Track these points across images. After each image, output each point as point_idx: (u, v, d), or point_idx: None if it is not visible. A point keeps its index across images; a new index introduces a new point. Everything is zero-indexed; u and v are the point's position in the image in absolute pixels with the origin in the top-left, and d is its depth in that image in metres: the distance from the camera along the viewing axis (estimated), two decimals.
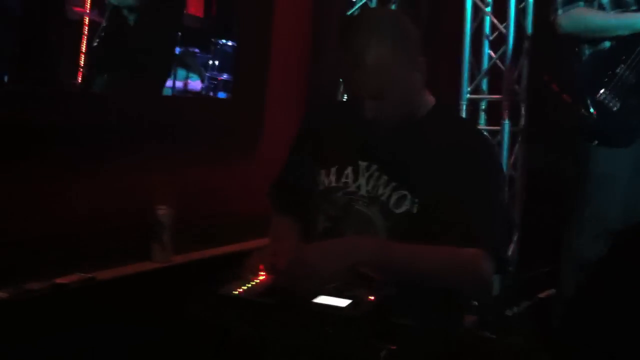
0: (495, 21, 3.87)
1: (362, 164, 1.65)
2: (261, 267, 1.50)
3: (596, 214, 2.46)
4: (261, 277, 1.48)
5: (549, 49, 2.95)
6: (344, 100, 3.43)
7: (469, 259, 1.47)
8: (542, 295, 3.43)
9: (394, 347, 1.28)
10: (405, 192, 1.58)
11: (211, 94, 3.29)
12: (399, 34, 1.58)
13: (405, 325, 1.35)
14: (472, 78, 3.92)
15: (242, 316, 1.37)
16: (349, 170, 1.67)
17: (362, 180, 1.64)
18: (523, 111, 3.82)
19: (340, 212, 1.65)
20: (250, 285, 1.45)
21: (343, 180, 1.67)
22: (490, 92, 3.94)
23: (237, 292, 1.41)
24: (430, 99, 1.69)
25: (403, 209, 1.57)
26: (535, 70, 3.71)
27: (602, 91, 2.37)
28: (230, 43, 3.33)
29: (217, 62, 3.30)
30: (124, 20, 2.71)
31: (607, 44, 2.44)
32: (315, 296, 1.35)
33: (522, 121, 3.82)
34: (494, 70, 3.93)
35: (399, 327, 1.34)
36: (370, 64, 1.53)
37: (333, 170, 1.69)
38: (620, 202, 2.40)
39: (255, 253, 1.57)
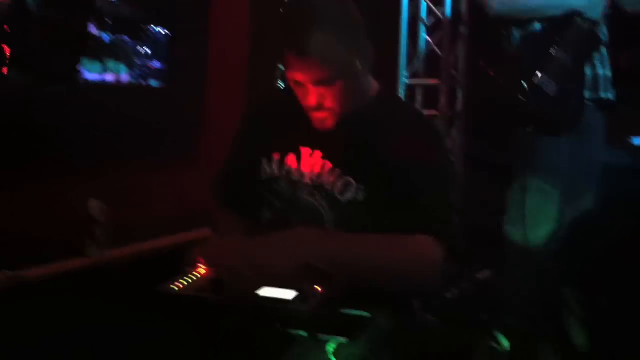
0: (432, 6, 3.88)
1: (305, 151, 1.61)
2: (201, 260, 1.43)
3: (535, 204, 2.43)
4: (202, 271, 1.42)
5: (484, 33, 2.95)
6: (284, 87, 3.37)
7: (419, 246, 1.44)
8: (480, 276, 3.47)
9: (343, 340, 1.25)
10: (350, 179, 1.54)
11: (142, 82, 3.16)
12: (342, 20, 1.53)
13: (354, 316, 1.31)
14: (409, 63, 3.93)
15: (182, 313, 1.31)
16: (292, 158, 1.62)
17: (305, 168, 1.60)
18: (460, 96, 3.85)
19: (284, 202, 1.60)
20: (190, 281, 1.38)
21: (286, 168, 1.62)
22: (428, 77, 3.96)
23: (176, 288, 1.35)
24: (374, 85, 1.65)
25: (348, 196, 1.54)
26: (472, 54, 3.74)
27: (538, 75, 2.33)
28: (163, 31, 3.22)
29: (149, 51, 3.18)
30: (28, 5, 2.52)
31: (538, 25, 2.40)
32: (259, 288, 1.30)
33: (459, 106, 3.86)
34: (431, 55, 3.94)
35: (348, 318, 1.30)
36: (314, 51, 1.48)
37: (275, 158, 1.64)
38: (560, 194, 2.37)
39: (195, 246, 1.50)
